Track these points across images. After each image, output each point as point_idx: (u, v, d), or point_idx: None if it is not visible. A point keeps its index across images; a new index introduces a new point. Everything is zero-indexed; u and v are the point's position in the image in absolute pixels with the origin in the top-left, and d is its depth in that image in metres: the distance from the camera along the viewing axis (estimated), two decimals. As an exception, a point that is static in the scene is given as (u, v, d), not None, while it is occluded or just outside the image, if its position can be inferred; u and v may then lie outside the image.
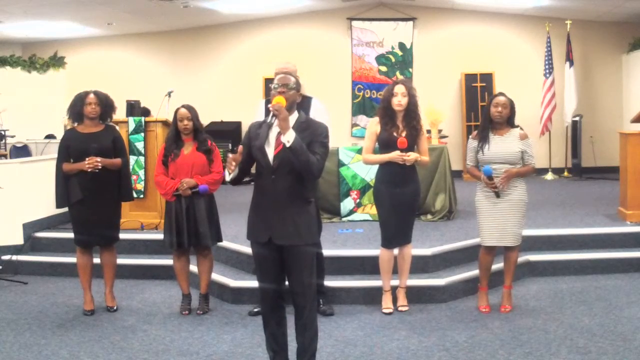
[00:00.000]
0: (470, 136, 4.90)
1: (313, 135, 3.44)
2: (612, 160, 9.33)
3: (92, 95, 4.93)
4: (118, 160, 4.96)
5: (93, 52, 12.17)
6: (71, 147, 4.90)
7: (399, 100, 4.66)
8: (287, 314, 3.64)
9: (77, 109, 4.96)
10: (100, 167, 4.80)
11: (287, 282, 3.55)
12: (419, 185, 4.89)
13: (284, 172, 3.39)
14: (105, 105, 4.98)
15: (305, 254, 3.46)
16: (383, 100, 4.79)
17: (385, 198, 4.75)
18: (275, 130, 3.43)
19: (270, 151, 3.43)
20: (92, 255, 5.06)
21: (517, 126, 4.77)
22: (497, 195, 4.62)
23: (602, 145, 10.91)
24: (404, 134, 4.68)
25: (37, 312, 5.07)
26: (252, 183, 3.59)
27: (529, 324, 4.52)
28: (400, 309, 4.86)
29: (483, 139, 4.70)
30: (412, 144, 4.72)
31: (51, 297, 5.49)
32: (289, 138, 3.29)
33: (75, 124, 5.05)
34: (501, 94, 4.80)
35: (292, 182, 3.41)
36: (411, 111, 4.70)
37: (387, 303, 4.84)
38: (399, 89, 4.68)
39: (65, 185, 4.91)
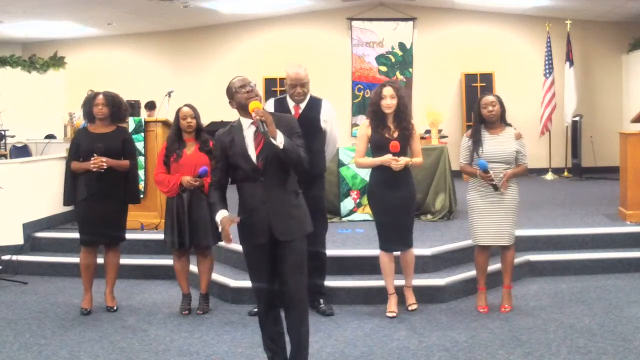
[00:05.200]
0: (465, 134, 4.90)
1: (289, 129, 3.44)
2: (612, 160, 9.32)
3: (100, 97, 4.97)
4: (125, 162, 4.96)
5: (93, 52, 12.17)
6: (81, 147, 4.93)
7: (388, 103, 4.62)
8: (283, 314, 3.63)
9: (87, 109, 5.02)
10: (105, 168, 4.81)
11: (279, 279, 3.52)
12: (414, 188, 4.84)
13: (272, 171, 3.39)
14: (113, 106, 4.99)
15: (299, 248, 3.46)
16: (372, 103, 4.72)
17: (379, 201, 4.73)
18: (250, 132, 3.44)
19: (252, 154, 3.42)
20: (96, 255, 5.06)
21: (510, 125, 4.77)
22: (496, 188, 4.59)
23: (602, 145, 10.91)
24: (395, 135, 4.65)
25: (37, 312, 5.07)
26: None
27: (529, 324, 4.52)
28: (410, 307, 4.84)
29: (476, 142, 4.69)
30: (405, 145, 4.68)
31: (51, 297, 5.49)
32: (281, 140, 3.29)
33: (89, 124, 5.09)
34: (487, 94, 4.82)
35: (281, 178, 3.42)
36: (401, 112, 4.66)
37: (391, 307, 4.79)
38: (387, 91, 4.63)
39: (73, 183, 4.93)
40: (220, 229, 3.47)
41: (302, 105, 4.73)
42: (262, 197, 3.41)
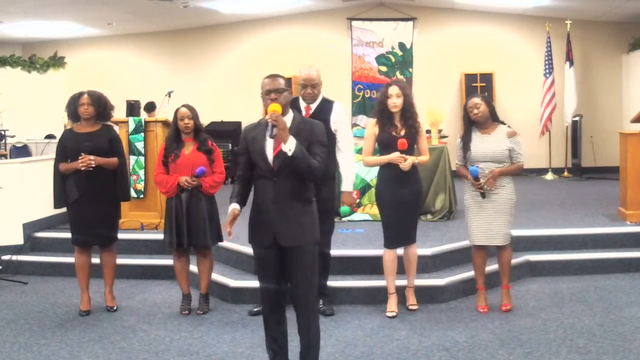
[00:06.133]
0: (459, 135, 4.92)
1: (311, 136, 3.43)
2: (612, 160, 9.33)
3: (85, 96, 4.93)
4: (114, 160, 4.94)
5: (93, 52, 12.18)
6: (68, 147, 4.91)
7: (394, 102, 4.67)
8: (288, 314, 3.63)
9: (72, 109, 4.98)
10: (93, 166, 4.79)
11: (289, 282, 3.53)
12: (421, 186, 4.91)
13: (285, 174, 3.38)
14: (99, 105, 4.97)
15: (309, 252, 3.45)
16: (378, 102, 4.80)
17: (387, 199, 4.76)
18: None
19: (270, 154, 3.42)
20: (90, 255, 5.06)
21: (504, 123, 4.78)
22: (483, 196, 4.64)
23: (602, 145, 10.91)
24: (402, 133, 4.69)
25: (37, 312, 5.07)
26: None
27: (529, 324, 4.52)
28: (410, 308, 4.86)
29: (466, 142, 4.74)
30: (412, 144, 4.74)
31: (51, 297, 5.49)
32: (290, 146, 3.28)
33: (75, 124, 5.06)
34: (472, 96, 4.84)
35: (293, 183, 3.40)
36: (407, 110, 4.71)
37: (391, 306, 4.81)
38: (393, 90, 4.68)
39: (63, 185, 4.91)
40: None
41: (313, 107, 4.76)
42: (271, 197, 3.40)
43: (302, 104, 4.77)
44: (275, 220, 3.40)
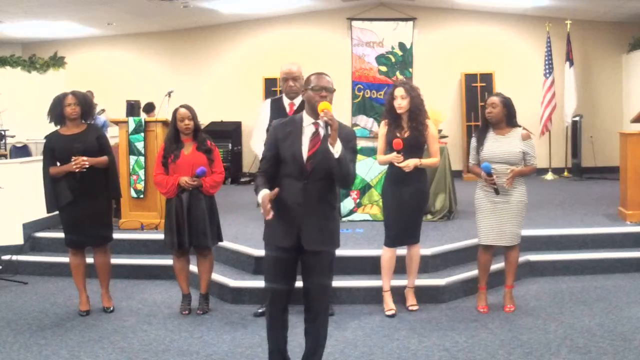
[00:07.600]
0: (473, 134, 4.94)
1: (345, 142, 3.31)
2: (612, 160, 9.33)
3: (70, 96, 4.91)
4: (104, 158, 4.92)
5: (93, 52, 12.18)
6: (56, 150, 4.88)
7: (399, 103, 4.69)
8: (293, 316, 3.62)
9: (57, 111, 4.94)
10: (87, 166, 4.78)
11: (301, 285, 3.48)
12: (425, 185, 4.89)
13: (317, 177, 3.30)
14: (85, 104, 4.96)
15: (326, 258, 3.41)
16: (386, 103, 4.85)
17: (389, 197, 4.80)
18: (308, 131, 3.34)
19: (304, 154, 3.31)
20: (84, 255, 5.04)
21: (520, 126, 4.77)
22: (497, 191, 4.62)
23: (602, 145, 10.91)
24: (407, 134, 4.70)
25: (37, 312, 5.07)
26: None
27: (529, 324, 4.52)
28: (410, 308, 4.87)
29: (480, 140, 4.76)
30: (418, 145, 4.74)
31: (51, 297, 5.49)
32: (338, 149, 3.19)
33: (61, 127, 5.01)
34: (495, 94, 4.86)
35: (323, 187, 3.33)
36: (413, 112, 4.71)
37: (389, 304, 4.82)
38: (398, 91, 4.71)
39: (54, 188, 4.86)
40: (261, 208, 3.24)
41: (297, 102, 4.79)
42: (299, 199, 3.29)
43: (286, 102, 4.85)
44: (301, 223, 3.30)
